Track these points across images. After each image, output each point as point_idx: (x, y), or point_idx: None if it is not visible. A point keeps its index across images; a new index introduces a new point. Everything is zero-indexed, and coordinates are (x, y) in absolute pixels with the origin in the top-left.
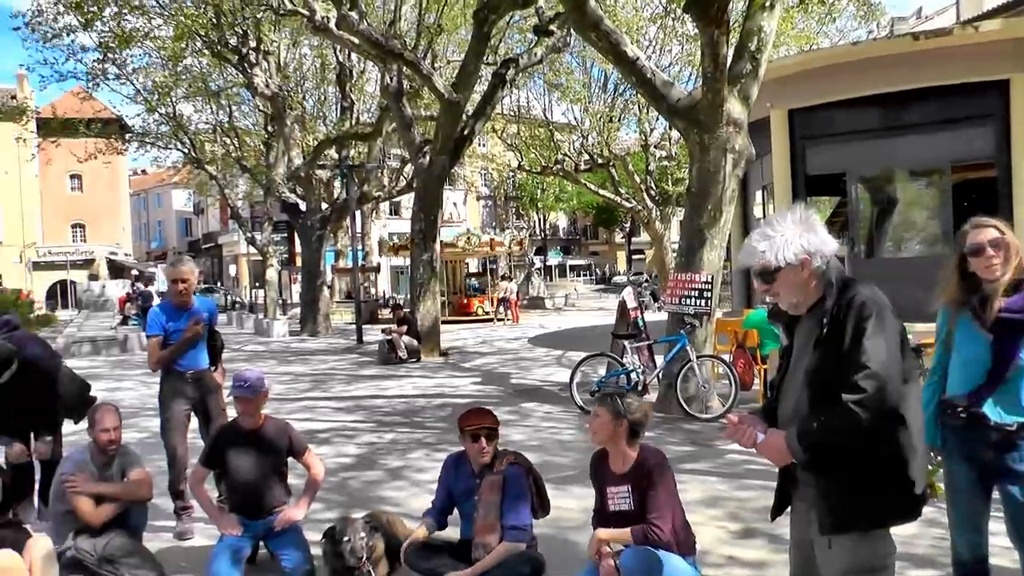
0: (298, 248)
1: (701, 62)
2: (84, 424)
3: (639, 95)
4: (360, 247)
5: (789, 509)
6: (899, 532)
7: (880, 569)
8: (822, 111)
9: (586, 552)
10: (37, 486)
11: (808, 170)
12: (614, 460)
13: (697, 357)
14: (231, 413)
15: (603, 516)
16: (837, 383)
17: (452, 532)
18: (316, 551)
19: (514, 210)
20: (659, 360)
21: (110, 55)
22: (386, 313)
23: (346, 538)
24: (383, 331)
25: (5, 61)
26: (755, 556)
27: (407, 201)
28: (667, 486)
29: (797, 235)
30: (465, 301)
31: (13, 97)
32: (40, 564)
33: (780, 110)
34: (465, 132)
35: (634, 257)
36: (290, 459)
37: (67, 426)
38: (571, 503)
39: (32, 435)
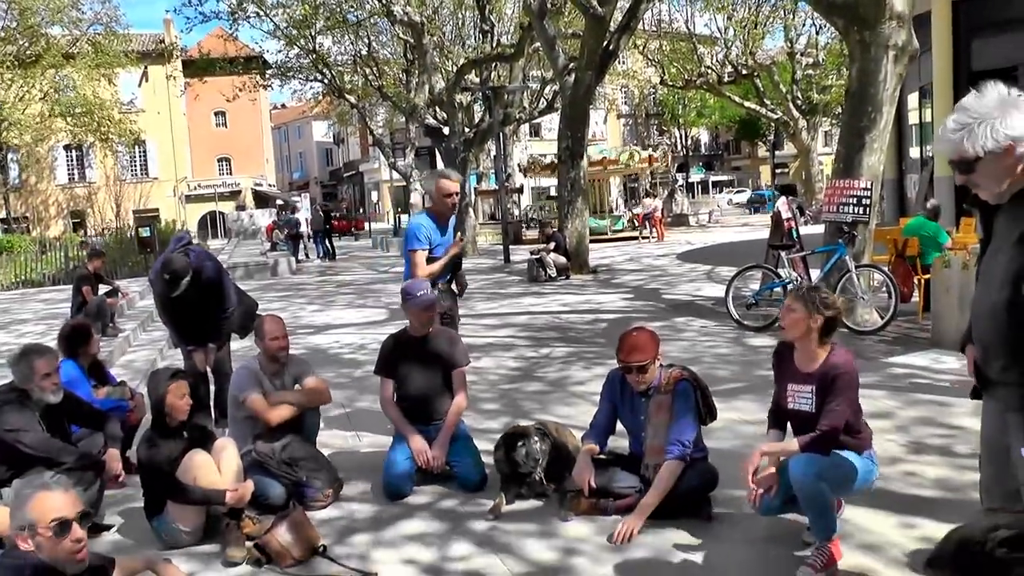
0: None
1: None
2: (250, 341)
3: None
4: (503, 169)
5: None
6: None
7: None
8: None
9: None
10: (212, 396)
11: (973, 66)
12: (801, 357)
13: (856, 267)
14: None
15: (779, 413)
16: None
17: (620, 441)
18: (487, 460)
19: (655, 127)
20: (815, 273)
21: None
22: (531, 234)
23: (520, 443)
24: (531, 252)
25: (155, 9)
26: (934, 473)
27: (548, 122)
28: (851, 396)
29: (999, 118)
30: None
31: (161, 42)
32: (228, 464)
33: (943, 1)
34: (609, 47)
35: (777, 171)
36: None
37: (235, 342)
38: (736, 415)
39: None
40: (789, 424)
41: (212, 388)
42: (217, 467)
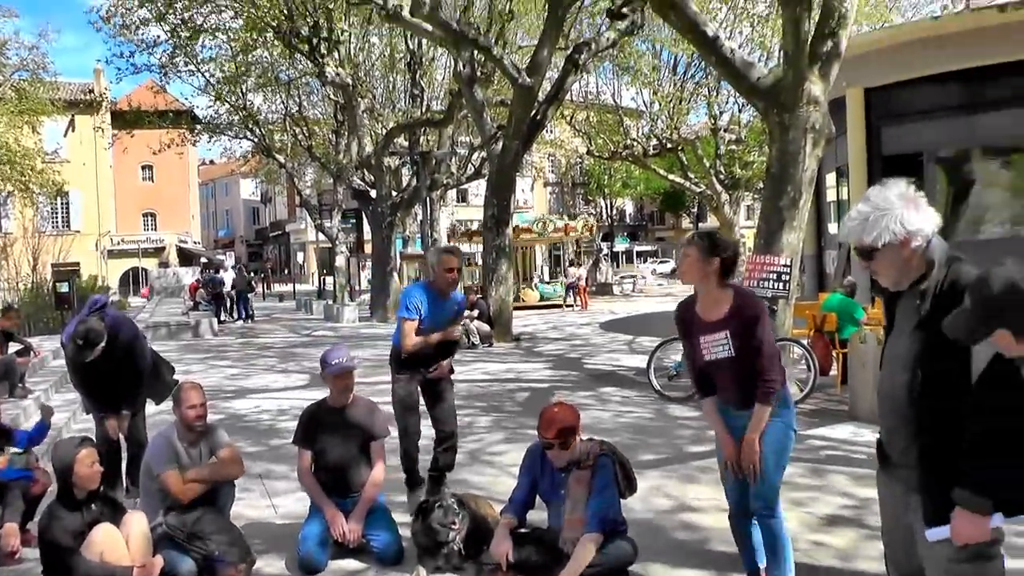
0: (367, 235)
1: (782, 40)
2: (166, 406)
3: (710, 77)
4: (429, 233)
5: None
6: None
7: (988, 557)
8: (899, 89)
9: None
10: (124, 464)
11: (884, 150)
12: (705, 305)
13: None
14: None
15: (701, 374)
16: (941, 372)
17: (540, 514)
18: (405, 532)
19: (581, 196)
20: None
21: (181, 48)
22: None
23: (437, 514)
24: None
25: (85, 58)
26: (843, 543)
27: (475, 188)
28: (768, 331)
29: (899, 212)
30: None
31: (91, 91)
32: (136, 538)
33: (856, 88)
34: (537, 117)
35: None
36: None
37: (150, 408)
38: (656, 487)
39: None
40: (715, 379)
41: (124, 456)
42: (125, 541)
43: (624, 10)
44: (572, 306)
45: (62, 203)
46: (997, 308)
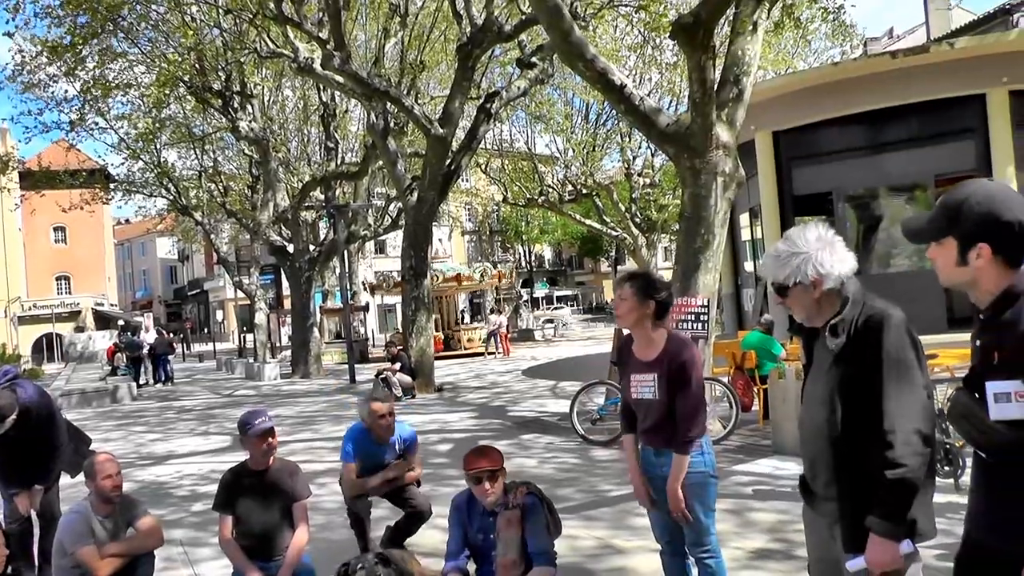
0: (286, 291)
1: (688, 87)
2: (80, 478)
3: (623, 123)
4: (348, 287)
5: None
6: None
7: None
8: (806, 131)
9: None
10: (36, 541)
11: (795, 190)
12: (640, 345)
13: None
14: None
15: (627, 410)
16: (857, 407)
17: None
18: None
19: (499, 243)
20: None
21: (92, 104)
22: (379, 352)
23: (360, 567)
24: (377, 372)
25: None
26: None
27: (393, 239)
28: (697, 381)
29: (812, 255)
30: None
31: None
32: None
33: (765, 132)
34: (452, 167)
35: None
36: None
37: (63, 480)
38: (582, 531)
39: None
40: (638, 417)
41: (36, 533)
42: None
43: (533, 59)
44: (494, 353)
45: None
46: (956, 214)
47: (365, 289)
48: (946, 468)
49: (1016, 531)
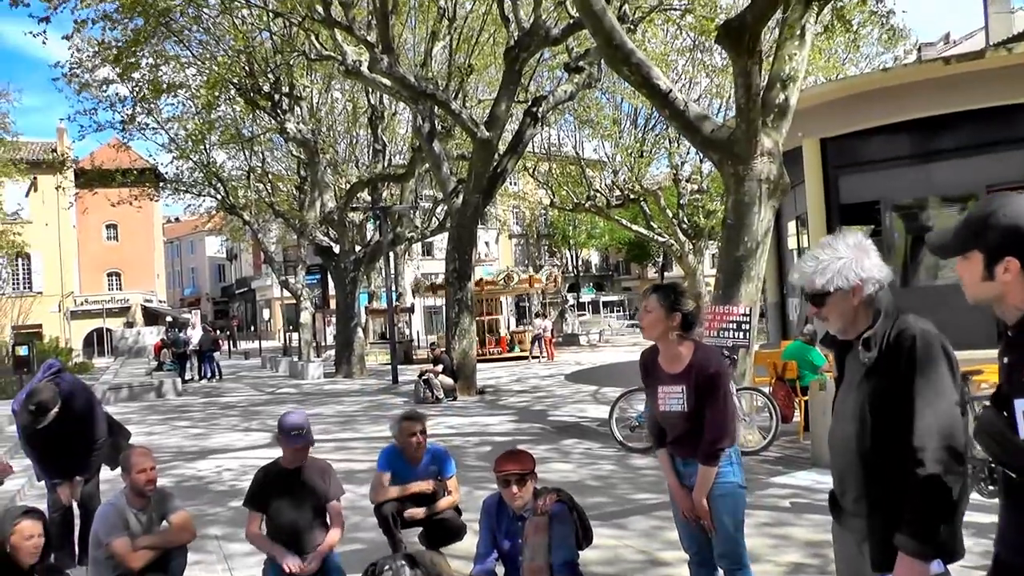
0: (332, 291)
1: (734, 93)
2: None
3: (671, 128)
4: (394, 288)
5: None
6: None
7: None
8: (854, 139)
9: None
10: (77, 531)
11: (842, 199)
12: (666, 358)
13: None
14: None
15: (658, 425)
16: (888, 422)
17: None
18: None
19: (546, 247)
20: None
21: (143, 104)
22: (421, 353)
23: (387, 568)
24: (420, 374)
25: (48, 117)
26: None
27: (439, 242)
28: (725, 393)
29: (851, 260)
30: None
31: (54, 150)
32: None
33: (812, 139)
34: (498, 170)
35: None
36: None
37: (104, 473)
38: (617, 540)
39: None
40: (667, 429)
41: (78, 524)
42: None
43: (581, 63)
44: (538, 357)
45: (24, 265)
46: (982, 227)
47: (411, 291)
48: (990, 488)
49: None
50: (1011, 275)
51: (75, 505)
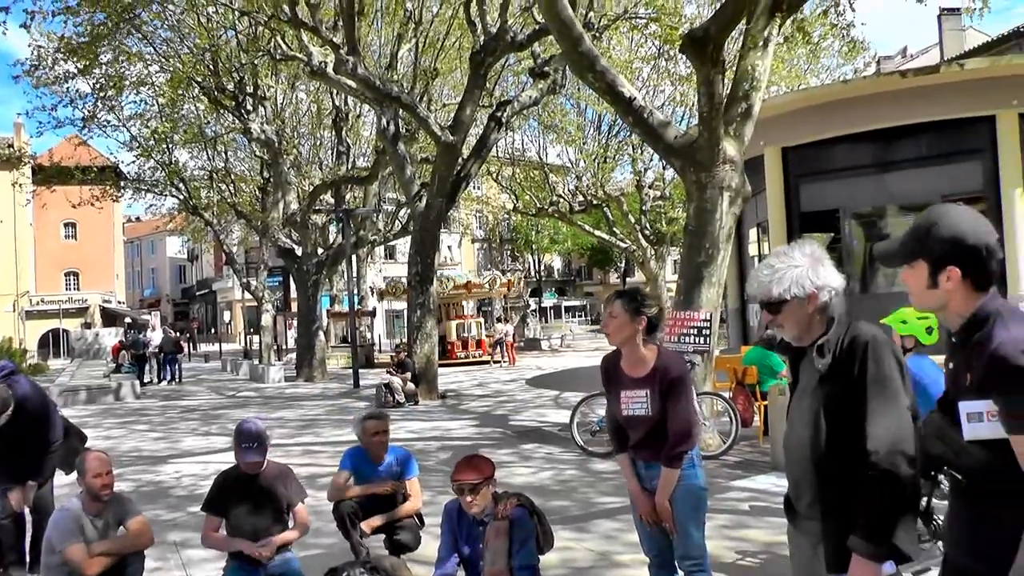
0: (293, 293)
1: (697, 101)
2: (74, 476)
3: (634, 135)
4: (356, 291)
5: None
6: None
7: None
8: (815, 148)
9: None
10: (28, 538)
11: (802, 207)
12: (629, 362)
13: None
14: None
15: (619, 429)
16: (842, 427)
17: None
18: None
19: (509, 252)
20: None
21: (105, 101)
22: (383, 357)
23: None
24: (381, 378)
25: (6, 111)
26: None
27: (402, 245)
28: (688, 396)
29: (807, 268)
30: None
31: (10, 145)
32: None
33: (774, 148)
34: (461, 174)
35: None
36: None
37: (59, 478)
38: (576, 543)
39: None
40: (629, 433)
41: (30, 530)
42: None
43: (546, 69)
44: (499, 362)
45: None
46: (925, 237)
47: (373, 294)
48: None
49: (991, 553)
50: (953, 283)
51: (27, 511)
